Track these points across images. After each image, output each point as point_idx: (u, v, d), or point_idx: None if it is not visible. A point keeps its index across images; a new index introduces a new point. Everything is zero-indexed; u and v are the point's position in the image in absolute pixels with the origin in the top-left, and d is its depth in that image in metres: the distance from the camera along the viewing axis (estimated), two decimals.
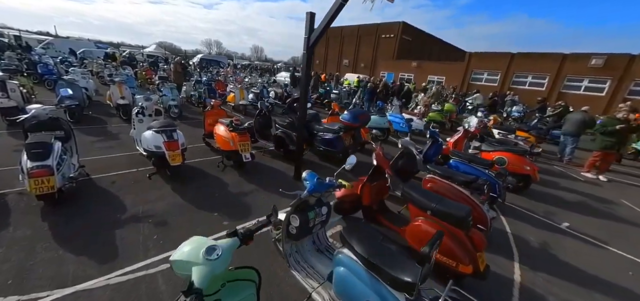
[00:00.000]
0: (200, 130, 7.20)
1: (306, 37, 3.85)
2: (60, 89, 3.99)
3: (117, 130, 6.43)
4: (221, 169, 4.74)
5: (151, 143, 3.84)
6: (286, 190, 2.27)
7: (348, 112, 4.98)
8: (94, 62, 15.38)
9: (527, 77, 17.07)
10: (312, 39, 3.80)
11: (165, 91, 8.01)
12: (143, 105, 4.31)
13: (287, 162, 5.43)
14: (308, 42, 3.84)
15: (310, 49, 3.89)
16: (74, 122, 6.44)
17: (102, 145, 5.34)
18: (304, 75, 4.12)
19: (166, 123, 3.98)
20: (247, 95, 9.98)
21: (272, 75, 22.35)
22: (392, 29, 32.58)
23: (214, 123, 5.26)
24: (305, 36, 3.86)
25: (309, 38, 3.83)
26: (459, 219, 2.32)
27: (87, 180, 3.93)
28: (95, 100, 9.07)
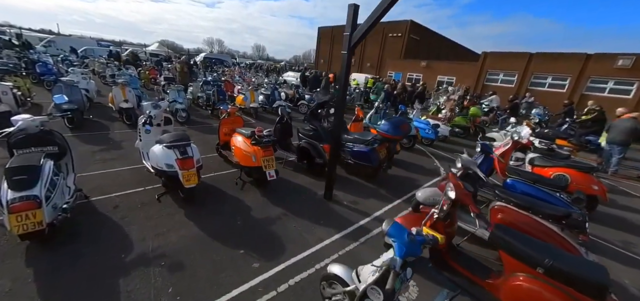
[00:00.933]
0: (211, 137, 6.63)
1: (347, 34, 3.20)
2: (55, 96, 3.34)
3: (121, 137, 5.81)
4: (240, 187, 4.11)
5: (161, 160, 3.21)
6: (318, 215, 1.61)
7: (387, 121, 4.32)
8: (95, 61, 14.76)
9: (546, 78, 16.32)
10: (356, 37, 3.16)
11: (172, 94, 7.39)
12: (151, 114, 3.68)
13: (312, 176, 4.80)
14: (349, 40, 3.20)
15: (352, 48, 3.24)
16: (72, 127, 5.85)
17: (103, 156, 4.72)
18: (344, 80, 3.47)
19: (178, 136, 3.35)
20: (257, 97, 9.34)
21: (278, 75, 21.68)
22: (399, 28, 31.86)
23: (230, 133, 4.63)
24: (346, 33, 3.21)
25: (351, 35, 3.18)
26: (594, 285, 1.68)
27: (86, 203, 3.31)
28: (97, 102, 8.47)
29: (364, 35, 3.14)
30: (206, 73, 15.82)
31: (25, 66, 12.24)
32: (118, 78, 7.51)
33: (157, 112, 3.80)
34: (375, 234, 3.36)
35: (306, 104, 10.87)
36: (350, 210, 3.86)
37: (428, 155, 6.94)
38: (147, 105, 3.82)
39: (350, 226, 3.46)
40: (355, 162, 4.69)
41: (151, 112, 3.71)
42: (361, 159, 4.52)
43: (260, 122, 8.75)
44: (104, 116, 7.20)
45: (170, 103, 7.42)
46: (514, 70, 17.43)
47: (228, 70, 20.46)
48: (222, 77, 15.50)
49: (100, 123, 6.64)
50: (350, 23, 3.16)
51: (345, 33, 3.20)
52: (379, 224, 3.61)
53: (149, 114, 3.67)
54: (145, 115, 3.75)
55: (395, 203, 4.22)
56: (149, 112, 3.71)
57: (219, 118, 8.33)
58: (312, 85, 13.37)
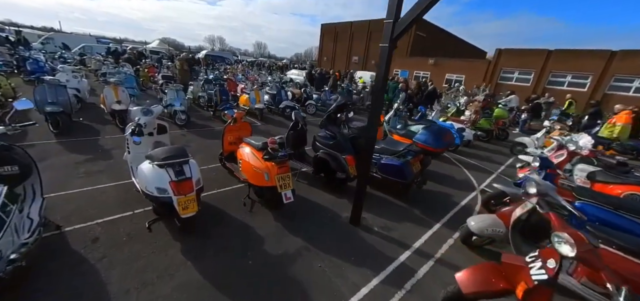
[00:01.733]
0: (214, 143, 5.93)
1: (389, 22, 2.48)
2: (16, 103, 2.63)
3: (111, 143, 5.13)
4: (248, 208, 3.41)
5: (151, 183, 2.52)
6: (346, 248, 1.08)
7: (426, 130, 3.60)
8: (92, 58, 14.10)
9: (565, 77, 15.49)
10: (399, 29, 2.44)
11: (170, 94, 6.70)
12: (140, 122, 2.98)
13: (330, 192, 4.10)
14: (392, 30, 2.48)
15: (394, 40, 2.53)
16: (58, 132, 5.17)
17: (89, 169, 4.04)
18: (382, 79, 2.75)
19: (173, 151, 2.65)
20: (262, 97, 8.64)
21: (282, 73, 20.94)
22: None
23: (236, 142, 3.94)
24: (388, 20, 2.49)
25: (395, 24, 2.47)
26: None
27: (56, 236, 2.63)
28: (90, 102, 7.80)
29: (411, 23, 2.42)
30: (208, 71, 15.12)
31: (16, 63, 11.64)
32: (110, 77, 6.82)
33: (148, 119, 3.10)
34: (422, 276, 2.65)
35: (314, 105, 10.17)
36: (384, 240, 3.16)
37: (455, 163, 6.22)
38: (136, 111, 3.12)
39: (390, 264, 2.76)
40: (382, 177, 3.97)
41: (140, 119, 3.01)
42: (391, 174, 3.81)
43: (265, 124, 8.04)
44: (96, 118, 6.52)
45: (167, 105, 6.74)
46: (531, 68, 16.59)
47: (230, 68, 19.74)
48: (225, 75, 14.82)
49: (90, 127, 5.96)
50: (393, 9, 2.44)
51: (387, 20, 2.48)
52: (423, 259, 2.91)
53: (137, 121, 2.96)
54: (134, 122, 3.05)
55: (436, 229, 3.51)
56: (137, 119, 3.00)
57: (222, 121, 7.72)
58: (319, 84, 12.66)
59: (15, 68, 11.62)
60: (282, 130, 7.43)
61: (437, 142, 3.51)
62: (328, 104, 10.81)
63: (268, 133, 7.15)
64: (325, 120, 4.57)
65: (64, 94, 5.41)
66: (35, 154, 4.30)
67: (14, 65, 11.70)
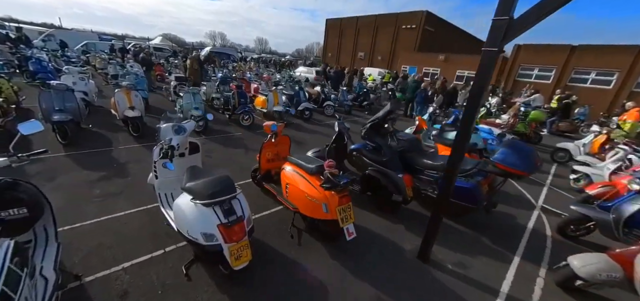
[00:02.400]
0: (234, 152, 5.41)
1: (503, 19, 1.92)
2: (21, 126, 2.07)
3: (127, 155, 4.61)
4: (296, 241, 2.89)
5: (196, 227, 2.00)
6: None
7: (509, 148, 3.02)
8: (97, 56, 13.53)
9: (589, 74, 14.79)
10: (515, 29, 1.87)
11: (186, 97, 6.15)
12: (173, 144, 2.44)
13: (381, 214, 3.57)
14: (504, 32, 1.92)
15: (503, 43, 1.96)
16: (66, 144, 4.66)
17: (105, 189, 3.52)
18: (481, 88, 2.20)
19: (218, 184, 2.10)
20: (280, 99, 8.07)
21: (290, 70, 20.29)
22: (414, 19, 30.26)
23: (275, 158, 3.40)
24: (502, 17, 1.93)
25: (509, 24, 1.90)
26: None
27: (77, 289, 2.12)
28: (98, 105, 7.27)
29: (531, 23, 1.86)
30: (216, 69, 14.51)
31: (18, 63, 11.09)
32: (121, 80, 6.28)
33: (181, 139, 2.56)
34: None
35: (332, 106, 9.59)
36: (464, 282, 2.63)
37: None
38: (167, 129, 2.56)
39: None
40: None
41: (173, 139, 2.47)
42: (458, 196, 3.26)
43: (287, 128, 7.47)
44: (106, 124, 5.99)
45: (182, 107, 6.20)
46: (552, 64, 15.88)
47: (237, 65, 19.09)
48: (233, 73, 14.23)
49: (101, 135, 5.44)
50: (508, 4, 1.88)
51: (499, 18, 1.92)
52: None
53: (170, 143, 2.42)
54: (164, 142, 2.51)
55: (517, 264, 2.98)
56: (169, 140, 2.46)
57: (240, 125, 7.18)
58: (335, 83, 12.06)
59: (17, 68, 11.09)
60: (305, 136, 6.88)
61: (526, 165, 2.91)
62: (346, 105, 10.23)
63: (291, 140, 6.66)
64: (368, 131, 4.02)
65: (72, 100, 4.88)
66: (42, 171, 3.79)
67: (16, 64, 11.17)
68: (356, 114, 10.45)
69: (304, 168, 2.77)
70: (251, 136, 6.47)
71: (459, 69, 24.80)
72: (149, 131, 5.83)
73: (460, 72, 24.61)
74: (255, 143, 5.95)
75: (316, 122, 8.52)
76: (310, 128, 7.79)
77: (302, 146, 6.08)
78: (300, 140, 6.53)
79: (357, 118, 9.93)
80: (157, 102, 8.59)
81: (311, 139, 6.71)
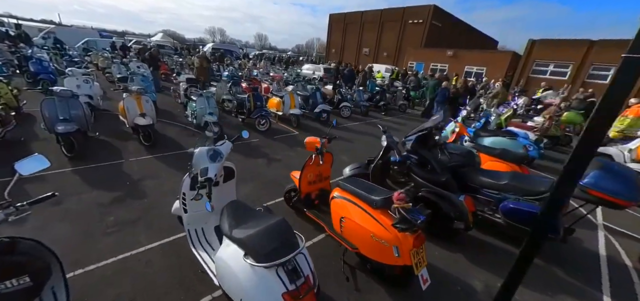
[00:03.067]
0: (256, 162, 4.94)
1: None
2: (19, 165, 1.58)
3: (139, 170, 4.14)
4: (353, 286, 2.42)
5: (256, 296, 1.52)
6: None
7: (600, 170, 2.52)
8: (99, 55, 13.00)
9: (609, 70, 14.21)
10: None
11: (200, 102, 5.66)
12: (210, 175, 1.95)
13: (435, 241, 3.10)
14: None
15: None
16: (72, 156, 4.19)
17: (118, 215, 3.05)
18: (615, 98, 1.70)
19: (277, 235, 1.61)
20: (297, 101, 7.58)
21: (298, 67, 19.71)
22: (420, 13, 29.58)
23: (317, 182, 2.93)
24: None
25: None
26: None
27: None
28: (104, 109, 6.79)
29: None
30: (221, 67, 13.98)
31: (18, 63, 10.58)
32: (130, 84, 5.79)
33: (218, 167, 2.07)
34: None
35: (350, 107, 9.07)
36: None
37: None
38: (201, 155, 2.05)
39: None
40: (507, 223, 2.95)
41: (209, 169, 1.97)
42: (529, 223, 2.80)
43: (305, 132, 6.99)
44: (113, 130, 5.53)
45: (194, 111, 5.71)
46: (569, 60, 15.30)
47: (242, 62, 18.51)
48: (240, 71, 13.69)
49: (109, 144, 4.97)
50: None
51: None
52: None
53: (206, 175, 1.93)
54: (196, 172, 2.02)
55: None
56: (205, 171, 1.95)
57: (256, 130, 6.68)
58: (348, 81, 11.53)
59: (17, 67, 10.58)
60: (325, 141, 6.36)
61: (632, 192, 2.46)
62: (363, 106, 9.69)
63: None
64: (416, 144, 3.54)
65: (77, 107, 4.40)
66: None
67: (16, 64, 10.66)
68: (373, 115, 9.94)
69: (364, 199, 2.30)
70: (270, 143, 6.00)
71: (468, 65, 24.23)
72: (162, 139, 5.37)
73: (469, 68, 24.03)
74: (275, 151, 5.48)
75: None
76: (328, 130, 7.29)
77: None
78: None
79: (375, 120, 9.43)
80: (165, 103, 8.10)
81: (334, 146, 6.20)
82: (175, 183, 3.87)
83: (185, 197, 2.17)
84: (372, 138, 7.14)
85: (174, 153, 4.90)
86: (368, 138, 7.16)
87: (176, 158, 4.72)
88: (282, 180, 4.26)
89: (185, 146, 5.24)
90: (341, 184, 2.55)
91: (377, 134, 7.62)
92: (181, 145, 5.26)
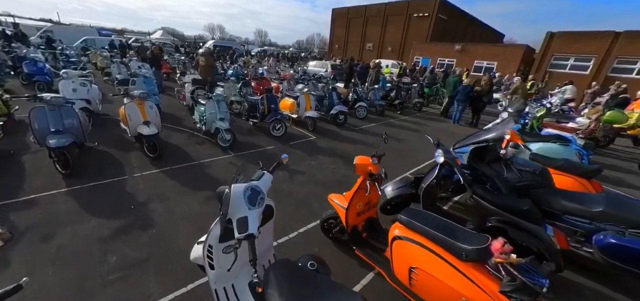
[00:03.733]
0: (277, 174, 4.34)
1: None
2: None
3: (145, 188, 3.57)
4: None
5: None
6: None
7: None
8: (98, 54, 12.41)
9: (636, 63, 13.48)
10: None
11: (210, 106, 5.07)
12: (252, 231, 1.35)
13: None
14: None
15: None
16: (67, 173, 3.63)
17: (123, 254, 2.49)
18: None
19: None
20: (313, 103, 6.98)
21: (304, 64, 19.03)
22: (426, 7, 28.73)
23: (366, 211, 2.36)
24: None
25: None
26: None
27: None
28: (103, 113, 6.23)
29: None
30: (224, 65, 13.36)
31: (12, 63, 10.01)
32: (132, 88, 5.21)
33: (258, 213, 1.48)
34: None
35: (365, 107, 8.45)
36: None
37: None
38: (237, 197, 1.41)
39: None
40: (606, 261, 2.38)
41: (249, 219, 1.36)
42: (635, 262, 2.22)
43: (321, 137, 6.38)
44: (113, 138, 4.98)
45: (203, 116, 5.13)
46: (591, 54, 14.55)
47: (246, 60, 17.85)
48: (245, 69, 13.07)
49: (109, 156, 4.41)
50: None
51: None
52: None
53: (247, 231, 1.34)
54: (230, 220, 1.44)
55: None
56: (243, 221, 1.37)
57: (270, 135, 6.10)
58: (360, 79, 10.88)
59: (11, 69, 10.01)
60: (348, 148, 5.73)
61: None
62: (378, 105, 9.05)
63: (331, 153, 5.62)
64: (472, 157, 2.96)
65: (72, 116, 3.82)
66: (37, 224, 2.69)
67: (10, 65, 10.08)
68: (389, 115, 9.33)
69: (445, 246, 1.72)
70: (287, 151, 5.41)
71: (478, 60, 23.47)
72: (168, 149, 4.80)
73: (478, 63, 23.28)
74: (295, 161, 4.90)
75: (351, 127, 7.44)
76: (348, 136, 6.71)
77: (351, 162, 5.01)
78: (344, 154, 5.47)
79: (392, 120, 8.82)
80: (169, 106, 7.53)
81: (357, 152, 5.59)
82: (186, 205, 3.32)
83: (212, 250, 1.60)
84: (396, 143, 6.56)
85: (183, 165, 4.34)
86: (390, 142, 6.50)
87: (185, 171, 4.16)
88: (311, 198, 3.71)
89: (194, 157, 4.67)
90: (405, 220, 1.98)
91: (400, 137, 7.08)
92: (190, 156, 4.69)
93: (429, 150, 6.07)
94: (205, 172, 4.23)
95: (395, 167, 4.93)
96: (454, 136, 7.62)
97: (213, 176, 4.13)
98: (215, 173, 4.20)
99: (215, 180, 4.01)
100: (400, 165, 5.10)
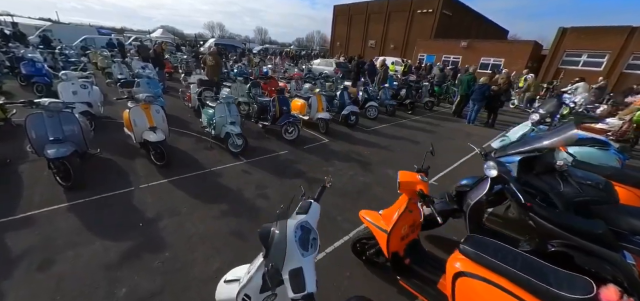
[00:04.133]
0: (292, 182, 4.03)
1: None
2: None
3: (153, 202, 3.25)
4: None
5: None
6: None
7: None
8: (98, 54, 12.07)
9: None
10: None
11: (220, 109, 4.73)
12: (310, 289, 0.99)
13: None
14: None
15: None
16: (68, 186, 3.31)
17: (132, 283, 2.18)
18: None
19: None
20: (324, 104, 6.64)
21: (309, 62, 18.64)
22: (430, 3, 28.21)
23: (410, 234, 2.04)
24: None
25: None
26: None
27: None
28: (105, 116, 5.91)
29: None
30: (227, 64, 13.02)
31: (10, 64, 9.67)
32: (136, 91, 4.88)
33: (313, 260, 1.15)
34: None
35: (376, 107, 8.11)
36: None
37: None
38: (290, 242, 1.07)
39: None
40: None
41: (305, 273, 1.00)
42: None
43: (333, 139, 6.05)
44: (117, 144, 4.65)
45: (212, 120, 4.80)
46: (605, 49, 14.14)
47: (247, 58, 17.51)
48: (249, 68, 12.74)
49: (113, 164, 4.09)
50: None
51: None
52: None
53: (306, 291, 1.00)
54: (279, 270, 1.12)
55: None
56: (302, 281, 1.00)
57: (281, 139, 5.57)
58: (369, 77, 10.52)
59: (10, 70, 9.68)
60: (363, 152, 5.38)
61: None
62: (389, 105, 8.70)
63: (347, 157, 5.28)
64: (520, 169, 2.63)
65: (72, 122, 3.50)
66: (34, 247, 2.39)
67: (8, 66, 9.75)
68: (400, 115, 8.97)
69: (532, 291, 1.39)
70: (301, 155, 5.10)
71: (484, 57, 23.05)
72: (175, 155, 4.48)
73: (485, 60, 22.86)
74: (311, 168, 4.58)
75: (363, 129, 7.11)
76: (362, 138, 6.37)
77: (369, 168, 4.70)
78: (359, 158, 5.15)
79: (404, 120, 8.47)
80: (174, 108, 7.18)
81: (373, 156, 5.31)
82: (200, 221, 3.00)
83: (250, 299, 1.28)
84: (411, 144, 6.23)
85: (192, 174, 4.02)
86: (406, 144, 6.23)
87: (195, 180, 3.84)
88: (334, 211, 3.38)
89: (204, 164, 4.35)
90: (471, 253, 1.65)
91: (416, 139, 6.74)
92: (199, 163, 4.36)
93: (449, 155, 5.79)
94: (217, 181, 3.91)
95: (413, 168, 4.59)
96: (469, 137, 7.29)
97: (226, 185, 3.80)
98: (228, 183, 3.88)
99: (228, 190, 3.69)
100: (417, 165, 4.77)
